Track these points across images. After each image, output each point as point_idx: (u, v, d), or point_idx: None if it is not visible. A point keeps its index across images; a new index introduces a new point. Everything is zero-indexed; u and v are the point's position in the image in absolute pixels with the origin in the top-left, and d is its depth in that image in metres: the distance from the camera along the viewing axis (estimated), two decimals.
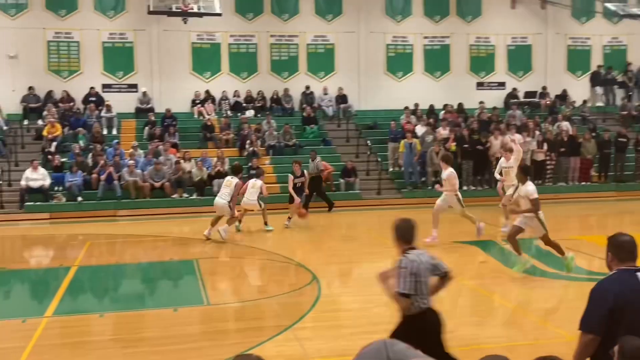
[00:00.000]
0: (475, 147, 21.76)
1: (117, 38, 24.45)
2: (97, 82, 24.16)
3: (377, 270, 11.91)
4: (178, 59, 24.83)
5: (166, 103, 24.17)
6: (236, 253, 14.18)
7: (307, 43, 25.95)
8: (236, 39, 25.41)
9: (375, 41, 26.23)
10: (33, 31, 23.54)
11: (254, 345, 7.90)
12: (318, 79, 26.02)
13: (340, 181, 21.27)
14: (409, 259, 5.54)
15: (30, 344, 8.22)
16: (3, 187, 19.52)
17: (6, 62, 23.34)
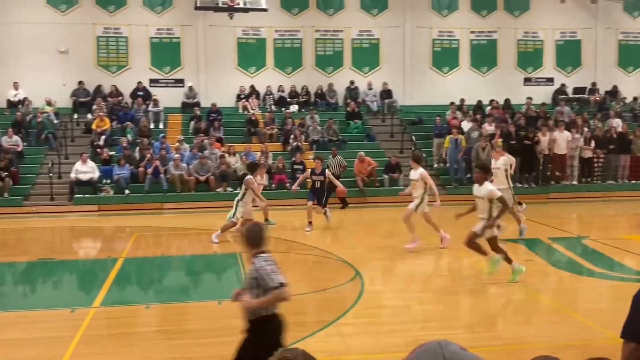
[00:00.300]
0: (523, 144, 21.43)
1: (164, 33, 24.79)
2: (144, 77, 24.55)
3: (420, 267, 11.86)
4: (224, 54, 25.04)
5: (212, 98, 24.42)
6: (279, 248, 14.22)
7: (352, 38, 25.89)
8: (281, 34, 25.50)
9: (421, 36, 26.04)
10: (83, 27, 24.03)
11: (296, 340, 7.90)
12: (362, 74, 25.95)
13: (384, 177, 21.18)
14: (264, 258, 5.46)
15: (79, 333, 8.38)
16: (53, 179, 19.96)
17: (57, 57, 23.89)
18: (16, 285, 11.96)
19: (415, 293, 10.45)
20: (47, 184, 19.81)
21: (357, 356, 7.38)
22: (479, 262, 12.50)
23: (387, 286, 11.14)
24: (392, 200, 20.36)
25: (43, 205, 19.48)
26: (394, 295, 10.26)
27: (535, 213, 16.30)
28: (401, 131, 23.76)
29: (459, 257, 12.91)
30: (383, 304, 9.86)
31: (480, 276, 11.73)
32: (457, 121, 23.01)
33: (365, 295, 10.04)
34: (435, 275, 12.12)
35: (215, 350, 7.74)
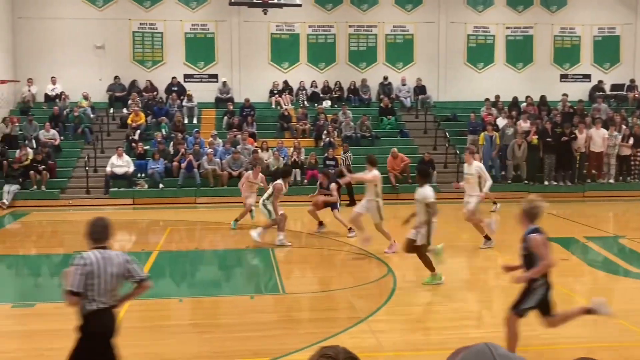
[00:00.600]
0: (559, 141, 21.12)
1: (199, 29, 24.95)
2: (179, 72, 24.74)
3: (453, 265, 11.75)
4: (257, 50, 25.12)
5: (245, 93, 24.52)
6: (311, 243, 14.25)
7: (385, 33, 25.76)
8: (315, 30, 25.49)
9: (456, 31, 25.80)
10: (119, 22, 24.31)
11: (328, 336, 7.91)
12: (396, 70, 25.81)
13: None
14: (84, 257, 5.36)
15: None
16: (89, 173, 20.24)
17: (94, 52, 24.21)
18: (53, 277, 12.15)
19: (448, 291, 10.36)
20: (83, 177, 20.09)
21: (390, 353, 7.36)
22: (514, 260, 12.35)
23: (420, 284, 11.07)
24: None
25: (79, 198, 19.77)
26: (427, 293, 10.20)
27: (571, 211, 16.07)
28: (435, 127, 23.59)
29: (492, 256, 12.78)
30: (415, 302, 9.82)
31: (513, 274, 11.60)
32: (492, 118, 22.77)
33: (397, 292, 10.01)
34: (468, 274, 12.02)
35: (246, 345, 7.78)
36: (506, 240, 12.79)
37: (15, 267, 12.85)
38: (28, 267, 12.78)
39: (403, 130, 23.66)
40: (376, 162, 13.12)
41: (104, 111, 23.38)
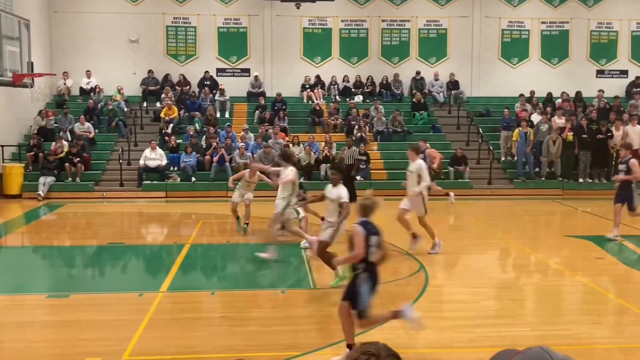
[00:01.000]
0: (595, 138, 20.78)
1: (231, 23, 25.05)
2: (211, 66, 24.88)
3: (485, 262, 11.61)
4: (289, 44, 25.13)
5: (277, 87, 24.56)
6: (342, 238, 14.19)
7: (419, 28, 25.58)
8: (347, 24, 25.41)
9: (490, 26, 25.51)
10: (153, 16, 24.52)
11: (359, 333, 7.88)
12: (429, 65, 25.63)
13: (450, 169, 20.88)
14: None
15: (146, 317, 8.56)
16: (123, 166, 20.46)
17: (128, 46, 24.47)
18: (87, 268, 12.31)
19: (480, 288, 10.28)
20: (117, 170, 20.33)
21: (421, 350, 7.32)
22: (546, 258, 12.21)
23: (452, 280, 11.00)
24: (457, 193, 20.06)
25: (113, 190, 20.01)
26: (459, 290, 10.12)
27: (605, 209, 15.78)
28: (468, 123, 23.38)
29: (525, 253, 12.66)
30: (447, 299, 9.76)
31: (546, 272, 11.47)
32: (527, 114, 22.49)
33: (429, 289, 9.95)
34: (500, 271, 11.90)
35: (277, 339, 7.79)
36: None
37: (50, 258, 13.04)
38: (62, 258, 12.96)
39: (435, 126, 23.48)
40: (292, 156, 11.97)
41: (137, 105, 23.63)
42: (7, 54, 16.18)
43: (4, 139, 20.21)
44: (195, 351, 7.38)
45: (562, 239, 13.96)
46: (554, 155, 20.86)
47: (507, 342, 7.36)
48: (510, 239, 13.45)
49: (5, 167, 19.57)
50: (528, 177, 21.01)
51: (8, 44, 16.34)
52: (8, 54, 16.23)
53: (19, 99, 20.44)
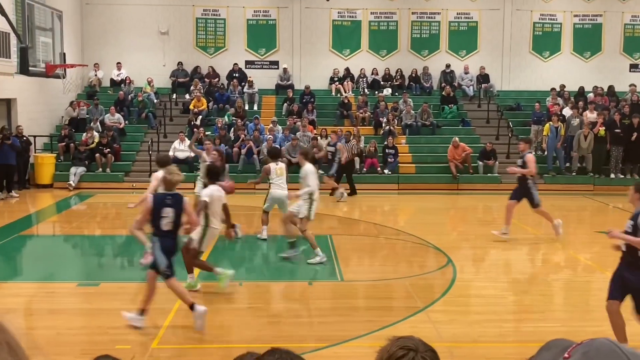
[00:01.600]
0: (627, 133, 20.45)
1: (261, 15, 25.08)
2: (240, 58, 24.96)
3: (513, 257, 11.50)
4: (318, 37, 25.10)
5: (305, 80, 24.56)
6: (369, 231, 14.21)
7: (449, 21, 25.37)
8: (377, 17, 25.29)
9: (521, 19, 25.20)
10: (183, 8, 24.66)
11: (386, 325, 7.89)
12: (459, 58, 25.41)
13: (479, 164, 20.71)
14: None
15: (175, 306, 8.64)
16: (152, 157, 20.63)
17: (158, 38, 24.66)
18: (116, 257, 12.46)
19: (509, 283, 10.23)
20: (147, 161, 20.50)
21: (449, 344, 7.29)
22: (576, 253, 12.08)
23: (480, 275, 10.94)
24: (486, 188, 19.95)
25: (142, 181, 20.17)
26: (487, 285, 10.08)
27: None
28: (498, 117, 23.17)
29: (554, 248, 12.55)
30: (475, 293, 9.72)
31: (576, 268, 11.35)
32: (558, 108, 22.20)
33: (457, 283, 9.94)
34: (529, 266, 11.81)
35: (305, 330, 7.83)
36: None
37: (80, 247, 13.22)
38: (93, 247, 13.14)
39: (465, 120, 23.30)
40: (166, 163, 10.91)
41: (167, 96, 23.80)
42: (40, 45, 16.43)
43: (36, 130, 20.52)
44: (223, 341, 7.47)
45: (593, 234, 13.80)
46: (585, 151, 20.57)
47: (535, 337, 7.30)
48: (540, 234, 13.31)
49: (37, 157, 19.88)
50: (558, 172, 20.76)
51: (41, 35, 16.58)
52: (41, 45, 16.48)
53: (51, 89, 20.73)
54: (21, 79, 17.97)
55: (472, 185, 20.06)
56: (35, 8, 16.37)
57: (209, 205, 9.45)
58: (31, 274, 10.29)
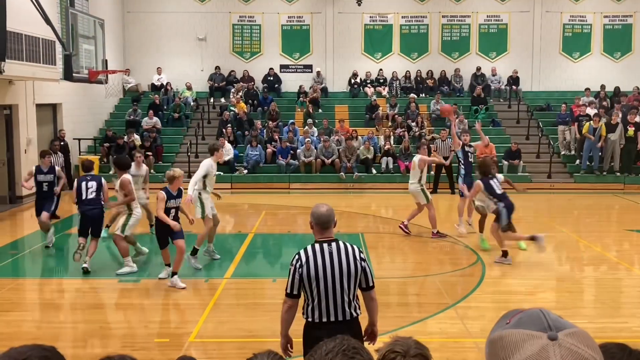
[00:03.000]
0: None
1: (295, 21, 25.53)
2: (275, 62, 25.43)
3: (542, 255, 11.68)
4: (351, 40, 25.45)
5: (338, 83, 24.92)
6: (399, 230, 14.42)
7: (479, 23, 25.49)
8: (408, 20, 25.54)
9: (551, 21, 25.20)
10: (220, 15, 25.24)
11: (415, 321, 8.11)
12: (489, 60, 25.52)
13: (504, 163, 20.80)
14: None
15: (211, 302, 9.03)
16: (191, 158, 21.17)
17: (196, 43, 25.30)
18: (156, 255, 12.91)
19: (538, 280, 10.33)
20: (185, 162, 21.02)
21: (478, 340, 7.42)
22: (606, 251, 12.18)
23: (509, 272, 11.09)
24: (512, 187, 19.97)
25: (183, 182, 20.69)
26: (516, 282, 10.21)
27: None
28: (528, 117, 23.23)
29: (584, 246, 12.63)
30: (504, 290, 9.83)
31: (605, 265, 11.42)
32: (584, 109, 22.10)
33: (485, 280, 10.06)
34: (558, 263, 11.93)
35: None
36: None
37: None
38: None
39: (495, 120, 23.41)
40: (128, 165, 11.54)
41: (204, 100, 24.40)
42: (84, 52, 17.03)
43: (80, 133, 21.24)
44: (257, 335, 7.68)
45: (623, 232, 13.85)
46: (615, 151, 20.51)
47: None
48: (570, 232, 13.42)
49: (82, 159, 20.54)
50: (591, 172, 20.76)
51: (84, 43, 17.19)
52: (84, 52, 17.08)
53: (94, 94, 21.51)
54: (66, 85, 18.67)
55: (502, 184, 20.13)
56: (78, 17, 17.00)
57: None
58: (76, 271, 10.67)
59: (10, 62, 14.70)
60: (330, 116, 23.37)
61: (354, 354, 1.84)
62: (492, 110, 24.01)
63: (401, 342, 2.28)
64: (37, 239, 13.83)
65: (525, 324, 1.46)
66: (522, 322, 1.48)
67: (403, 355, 2.22)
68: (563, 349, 1.32)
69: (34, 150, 18.23)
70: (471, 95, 24.32)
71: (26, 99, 17.79)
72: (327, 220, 5.00)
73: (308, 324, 4.95)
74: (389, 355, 2.23)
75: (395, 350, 2.23)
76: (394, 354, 2.23)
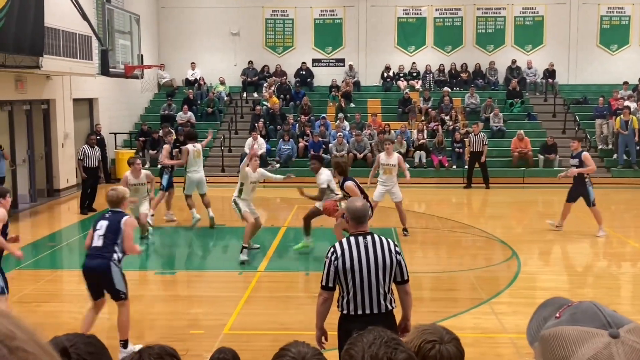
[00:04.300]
0: None
1: (327, 15, 25.51)
2: (307, 57, 25.44)
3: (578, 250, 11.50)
4: (383, 34, 25.33)
5: (370, 77, 24.84)
6: (434, 224, 14.39)
7: (514, 15, 25.17)
8: (442, 13, 25.33)
9: (588, 12, 24.73)
10: (253, 10, 25.34)
11: (450, 316, 8.09)
12: (525, 52, 25.19)
13: (539, 157, 20.55)
14: None
15: (245, 294, 9.12)
16: (224, 152, 21.35)
17: (229, 38, 25.44)
18: (191, 247, 13.08)
19: (574, 276, 10.26)
20: (219, 156, 21.23)
21: (512, 335, 7.42)
22: None
23: (544, 268, 11.01)
24: (548, 182, 19.76)
25: (215, 175, 20.88)
26: (551, 277, 10.16)
27: None
28: (564, 111, 22.89)
29: (621, 241, 12.46)
30: (540, 285, 9.80)
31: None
32: (621, 102, 21.69)
33: (521, 275, 10.02)
34: (594, 259, 11.78)
35: None
36: None
37: (157, 237, 13.83)
38: (169, 238, 13.74)
39: (531, 114, 23.13)
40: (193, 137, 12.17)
41: (238, 95, 24.54)
42: (120, 47, 17.25)
43: (116, 127, 21.55)
44: (290, 328, 7.76)
45: None
46: None
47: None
48: (606, 227, 13.21)
49: (118, 153, 20.88)
50: (627, 166, 20.39)
51: (120, 38, 17.41)
52: (120, 47, 17.30)
53: (130, 89, 21.79)
54: (102, 80, 18.95)
55: (538, 179, 19.95)
56: (114, 12, 17.21)
57: None
58: None
59: (48, 57, 14.97)
60: (362, 110, 23.31)
61: (396, 345, 1.83)
62: (527, 103, 23.71)
63: (431, 330, 2.26)
64: (75, 232, 14.09)
65: (582, 320, 1.41)
66: (578, 318, 1.42)
67: (440, 342, 2.21)
68: (626, 346, 1.28)
69: (71, 144, 18.56)
70: (506, 88, 24.05)
71: (63, 94, 18.08)
72: (363, 214, 5.08)
73: (343, 317, 4.98)
74: (425, 346, 2.21)
75: (429, 339, 2.21)
76: (430, 343, 2.21)
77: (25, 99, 16.46)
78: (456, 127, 21.57)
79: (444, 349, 2.22)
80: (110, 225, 6.99)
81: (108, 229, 6.97)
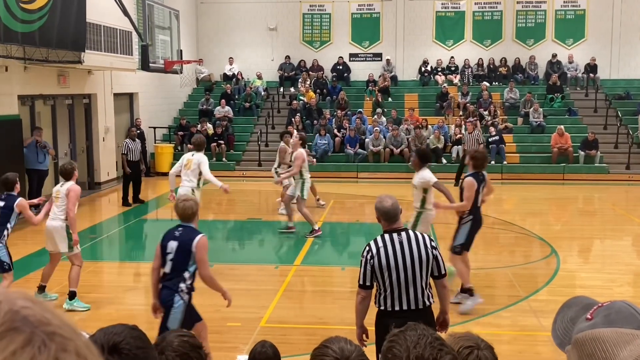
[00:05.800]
0: None
1: (365, 9, 25.43)
2: (344, 51, 25.41)
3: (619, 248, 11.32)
4: (421, 28, 25.16)
5: (408, 71, 24.72)
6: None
7: (555, 9, 24.76)
8: (481, 7, 25.05)
9: (632, 6, 24.17)
10: (290, 4, 25.40)
11: (488, 313, 8.05)
12: (566, 46, 24.76)
13: (580, 153, 20.21)
14: None
15: (282, 288, 9.18)
16: (261, 147, 21.46)
17: (267, 33, 25.56)
18: (228, 240, 13.21)
19: (614, 274, 10.09)
20: (256, 151, 21.36)
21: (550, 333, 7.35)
22: None
23: (584, 265, 10.86)
24: (592, 178, 19.46)
25: (252, 170, 21.05)
26: (591, 275, 10.02)
27: None
28: (606, 106, 22.46)
29: None
30: (579, 284, 9.68)
31: None
32: None
33: (560, 273, 9.92)
34: (635, 257, 11.57)
35: None
36: None
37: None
38: (206, 231, 13.74)
39: (571, 109, 22.75)
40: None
41: (275, 89, 24.64)
42: (160, 43, 17.49)
43: (155, 122, 21.83)
44: (326, 322, 7.79)
45: None
46: None
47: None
48: None
49: (157, 147, 21.17)
50: None
51: (160, 33, 17.65)
52: (160, 42, 17.54)
53: (169, 84, 22.07)
54: (142, 75, 19.20)
55: (578, 175, 19.64)
56: (154, 8, 17.45)
57: None
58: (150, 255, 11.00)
59: (90, 52, 15.23)
60: (399, 105, 23.20)
61: (440, 346, 1.81)
62: (568, 98, 23.32)
63: (467, 337, 2.30)
64: (115, 224, 14.34)
65: (618, 321, 1.38)
66: (613, 319, 1.38)
67: (477, 348, 2.26)
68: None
69: (112, 138, 18.87)
70: (547, 83, 23.68)
71: (104, 89, 18.38)
72: (394, 214, 5.09)
73: (381, 312, 5.00)
74: (464, 351, 2.24)
75: (467, 345, 2.25)
76: (468, 349, 2.25)
77: (68, 94, 16.77)
78: (495, 122, 21.34)
79: (482, 354, 2.26)
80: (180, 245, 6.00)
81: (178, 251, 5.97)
